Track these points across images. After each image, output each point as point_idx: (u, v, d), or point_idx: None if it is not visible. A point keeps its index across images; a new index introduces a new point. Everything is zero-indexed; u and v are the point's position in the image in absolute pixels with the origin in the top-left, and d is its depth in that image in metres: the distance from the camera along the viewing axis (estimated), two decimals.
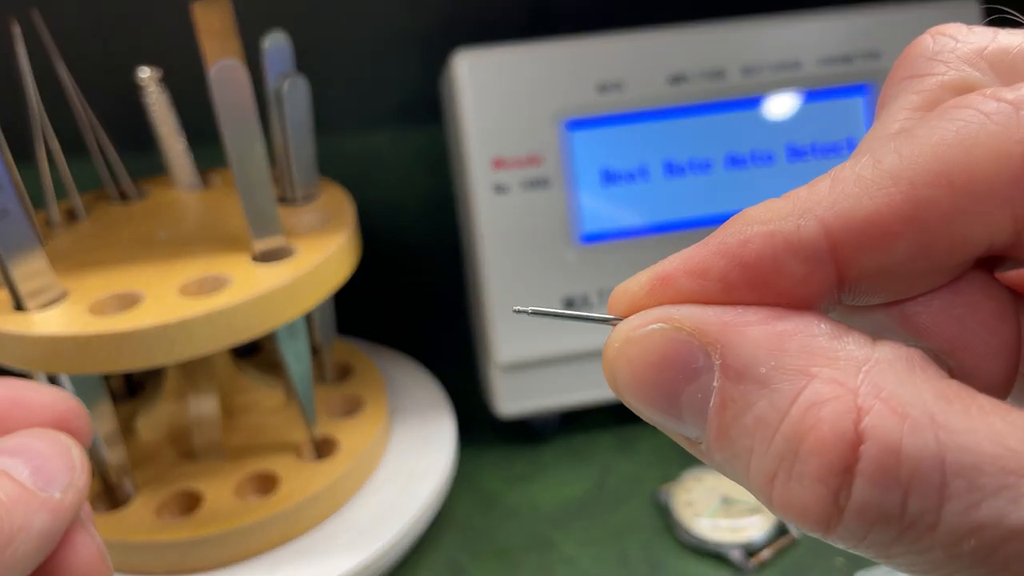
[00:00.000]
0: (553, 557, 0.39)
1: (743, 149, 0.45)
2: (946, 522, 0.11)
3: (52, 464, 0.20)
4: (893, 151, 0.12)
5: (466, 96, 0.42)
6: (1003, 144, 0.12)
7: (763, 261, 0.13)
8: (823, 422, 0.11)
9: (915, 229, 0.12)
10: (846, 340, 0.12)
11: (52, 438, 0.21)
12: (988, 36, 0.14)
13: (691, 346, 0.13)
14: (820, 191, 0.13)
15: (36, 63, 0.39)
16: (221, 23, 0.38)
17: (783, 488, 0.12)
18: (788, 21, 0.45)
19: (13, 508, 0.18)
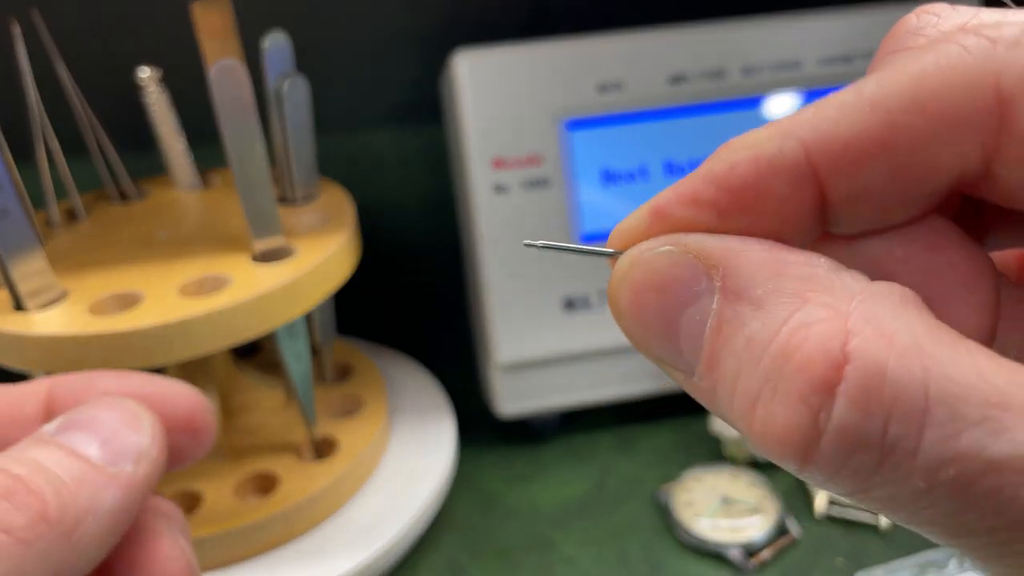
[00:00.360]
0: (553, 557, 0.39)
1: None
2: (926, 449, 0.11)
3: (121, 435, 0.18)
4: (875, 80, 0.13)
5: (466, 96, 0.42)
6: (977, 74, 0.12)
7: (749, 184, 0.13)
8: (809, 341, 0.11)
9: (890, 152, 0.13)
10: (844, 274, 0.13)
11: (120, 407, 0.19)
12: (969, 14, 0.14)
13: (695, 268, 0.13)
14: (803, 116, 0.13)
15: (36, 63, 0.39)
16: (221, 23, 0.38)
17: (764, 410, 0.12)
18: (788, 21, 0.45)
19: (79, 489, 0.17)
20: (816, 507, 0.40)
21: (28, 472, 0.17)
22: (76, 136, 0.42)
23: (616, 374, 0.46)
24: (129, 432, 0.19)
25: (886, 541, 0.38)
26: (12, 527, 0.16)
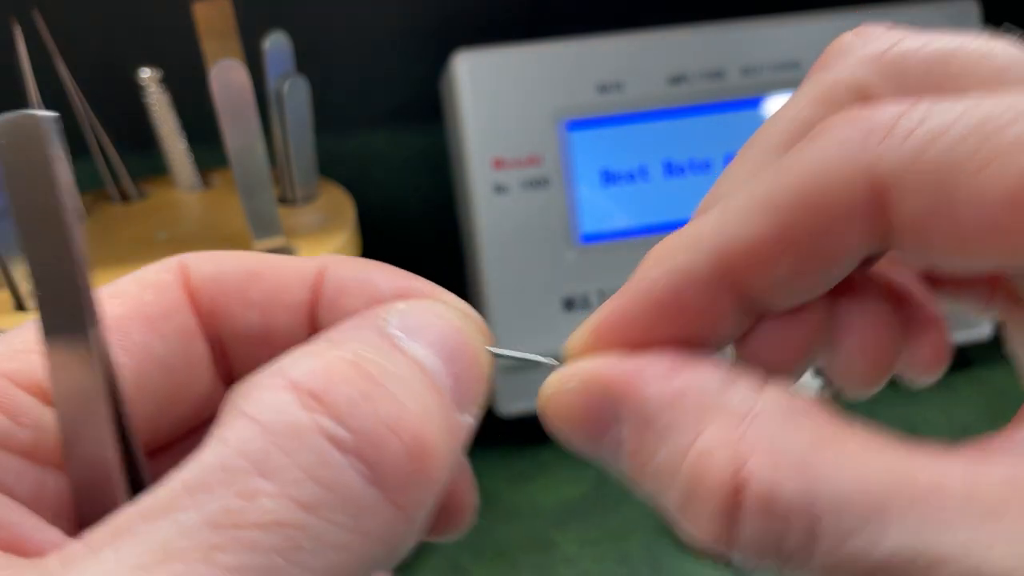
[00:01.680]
0: (554, 557, 0.39)
1: None
2: (819, 558, 0.12)
3: (469, 374, 0.14)
4: (768, 180, 0.14)
5: (466, 96, 0.42)
6: (851, 170, 0.13)
7: (668, 299, 0.14)
8: (711, 471, 0.13)
9: (790, 249, 0.13)
10: (734, 392, 0.13)
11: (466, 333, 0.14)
12: (892, 40, 0.15)
13: (603, 403, 0.14)
14: (708, 224, 0.14)
15: (37, 63, 0.39)
16: (222, 23, 0.38)
17: (691, 523, 0.13)
18: (787, 21, 0.45)
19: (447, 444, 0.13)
20: None
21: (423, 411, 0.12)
22: (77, 136, 0.42)
23: None
24: (475, 371, 0.14)
25: None
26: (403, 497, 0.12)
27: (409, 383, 0.13)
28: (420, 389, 0.13)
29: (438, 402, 0.13)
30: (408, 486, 0.12)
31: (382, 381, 0.12)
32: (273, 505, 0.11)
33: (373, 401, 0.12)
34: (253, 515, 0.10)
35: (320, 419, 0.11)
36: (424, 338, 0.14)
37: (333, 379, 0.12)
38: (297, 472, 0.11)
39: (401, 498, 0.12)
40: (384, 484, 0.11)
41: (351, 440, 0.11)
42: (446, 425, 0.13)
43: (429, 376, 0.13)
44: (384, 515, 0.11)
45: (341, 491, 0.11)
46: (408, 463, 0.12)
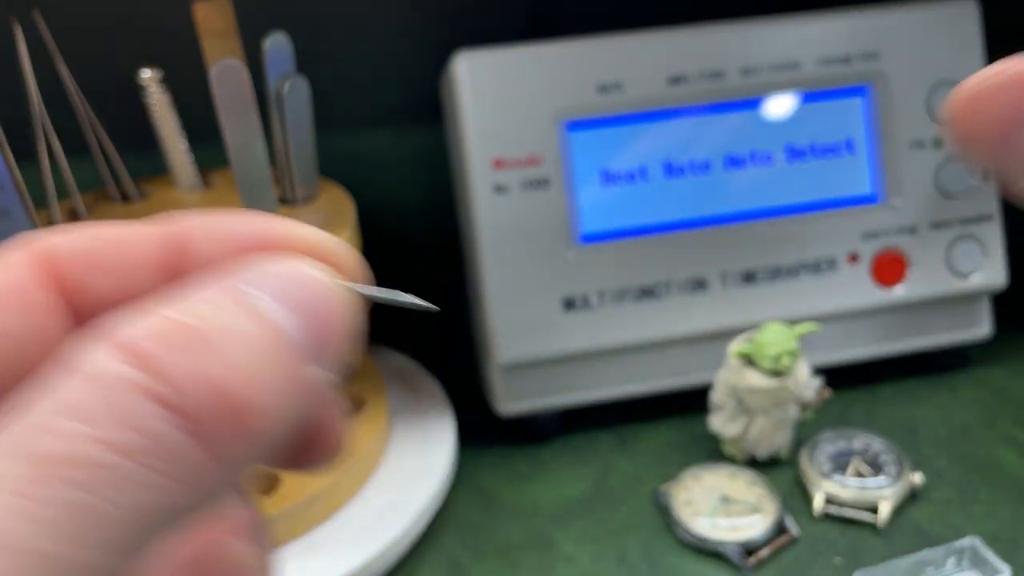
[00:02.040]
0: (553, 556, 0.39)
1: (742, 150, 0.45)
2: None
3: (326, 327, 0.14)
4: None
5: (466, 97, 0.42)
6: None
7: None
8: None
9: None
10: None
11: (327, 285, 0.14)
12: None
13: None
14: None
15: (38, 63, 0.39)
16: (222, 24, 0.38)
17: None
18: (787, 22, 0.45)
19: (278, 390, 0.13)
20: (815, 506, 0.40)
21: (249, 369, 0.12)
22: (77, 136, 0.43)
23: (615, 373, 0.46)
24: (331, 320, 0.14)
25: (884, 540, 0.39)
26: (219, 447, 0.12)
27: (239, 337, 0.13)
28: (252, 343, 0.13)
29: (276, 355, 0.13)
30: (225, 437, 0.12)
31: (207, 336, 0.12)
32: (85, 446, 0.11)
33: (190, 356, 0.12)
34: (67, 455, 0.11)
35: (137, 374, 0.12)
36: (273, 291, 0.13)
37: (152, 336, 0.12)
38: (111, 420, 0.11)
39: (218, 448, 0.12)
40: (199, 434, 0.12)
41: (166, 393, 0.12)
42: (284, 378, 0.13)
43: (271, 329, 0.13)
44: (199, 462, 0.12)
45: (154, 438, 0.11)
46: (224, 416, 0.12)
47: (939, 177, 0.47)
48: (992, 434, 0.45)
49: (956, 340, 0.49)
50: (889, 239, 0.46)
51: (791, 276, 0.46)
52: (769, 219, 0.46)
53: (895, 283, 0.47)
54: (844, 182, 0.46)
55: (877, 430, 0.44)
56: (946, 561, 0.36)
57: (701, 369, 0.46)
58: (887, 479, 0.40)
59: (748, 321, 0.45)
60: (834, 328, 0.47)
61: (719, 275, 0.45)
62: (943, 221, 0.47)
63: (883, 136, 0.46)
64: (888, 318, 0.48)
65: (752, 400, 0.42)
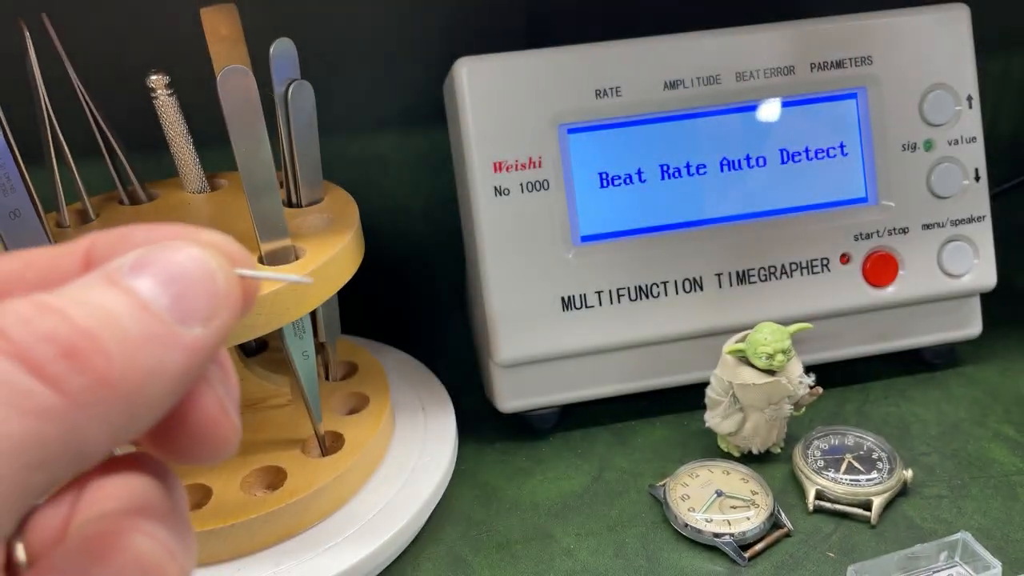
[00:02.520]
0: (552, 549, 0.40)
1: (737, 153, 0.46)
2: None
3: (194, 290, 0.16)
4: None
5: (467, 102, 0.43)
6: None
7: None
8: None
9: None
10: None
11: (195, 257, 0.16)
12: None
13: None
14: None
15: (47, 67, 0.39)
16: (229, 30, 0.39)
17: None
18: (781, 28, 0.45)
19: (146, 346, 0.15)
20: (808, 501, 0.41)
21: (96, 324, 0.14)
22: (86, 139, 0.43)
23: (613, 371, 0.47)
24: (202, 287, 0.16)
25: (877, 535, 0.39)
26: (71, 389, 0.14)
27: (92, 304, 0.15)
28: (105, 306, 0.15)
29: (135, 317, 0.15)
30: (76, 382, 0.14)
31: (56, 305, 0.14)
32: None
33: (37, 320, 0.14)
34: None
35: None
36: (145, 270, 0.16)
37: (9, 310, 0.14)
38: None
39: (64, 387, 0.14)
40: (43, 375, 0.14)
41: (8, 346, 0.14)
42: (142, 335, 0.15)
43: (133, 297, 0.15)
44: (47, 399, 0.13)
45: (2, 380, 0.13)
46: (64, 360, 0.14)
47: (931, 179, 0.47)
48: (983, 430, 0.46)
49: (947, 339, 0.50)
50: (881, 240, 0.47)
51: (785, 276, 0.46)
52: (763, 220, 0.46)
53: (887, 283, 0.47)
54: (837, 184, 0.47)
55: (869, 427, 0.45)
56: (938, 556, 0.36)
57: (697, 367, 0.47)
58: (879, 475, 0.41)
59: (743, 320, 0.45)
60: (827, 327, 0.47)
61: (714, 275, 0.46)
62: (934, 222, 0.47)
63: (876, 139, 0.47)
64: (880, 317, 0.48)
65: (746, 397, 0.42)
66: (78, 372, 0.14)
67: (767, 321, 0.42)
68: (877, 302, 0.47)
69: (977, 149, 0.48)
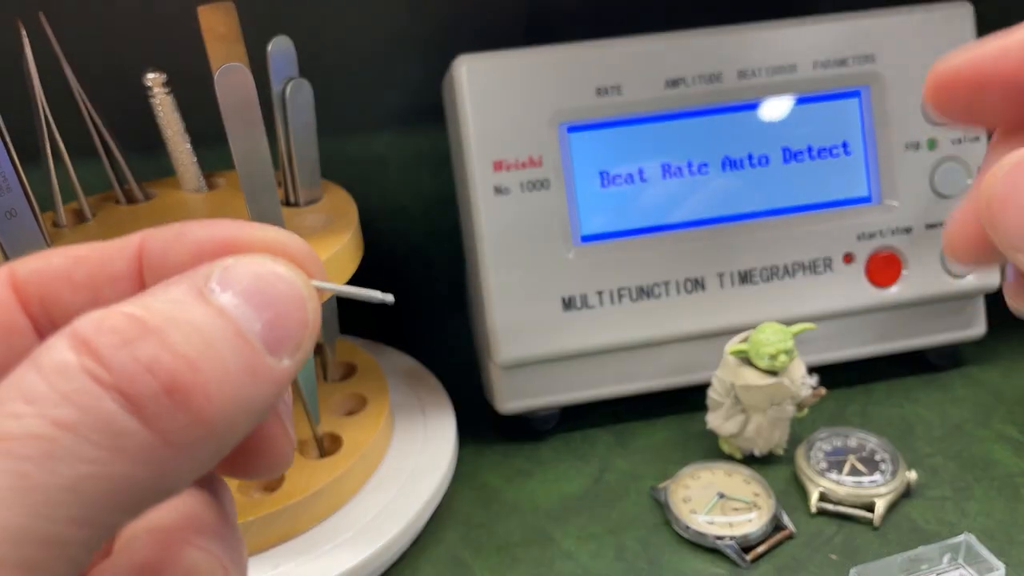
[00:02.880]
0: (552, 552, 0.40)
1: (740, 152, 0.46)
2: None
3: (287, 318, 0.15)
4: None
5: (467, 100, 0.43)
6: None
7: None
8: None
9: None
10: None
11: (288, 281, 0.15)
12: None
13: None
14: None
15: (43, 66, 0.39)
16: (226, 27, 0.39)
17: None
18: (783, 26, 0.45)
19: (242, 380, 0.14)
20: (811, 503, 0.41)
21: (196, 354, 0.13)
22: (83, 139, 0.43)
23: (613, 372, 0.47)
24: (295, 315, 0.15)
25: (880, 537, 0.39)
26: (168, 429, 0.13)
27: (188, 327, 0.13)
28: (203, 332, 0.13)
29: (229, 345, 0.14)
30: (172, 419, 0.13)
31: (153, 326, 0.13)
32: (30, 422, 0.12)
33: (134, 343, 0.13)
34: (11, 430, 0.12)
35: (84, 359, 0.12)
36: (236, 287, 0.14)
37: (103, 328, 0.13)
38: (56, 398, 0.12)
39: (166, 429, 0.13)
40: (142, 414, 0.12)
41: (108, 377, 0.12)
42: (238, 367, 0.14)
43: (230, 322, 0.14)
44: (145, 441, 0.12)
45: (95, 414, 0.12)
46: (167, 397, 0.13)
47: (934, 178, 0.47)
48: (986, 432, 0.45)
49: (951, 340, 0.50)
50: (884, 240, 0.47)
51: (787, 276, 0.46)
52: (766, 220, 0.46)
53: (890, 283, 0.47)
54: (840, 183, 0.47)
55: (872, 428, 0.44)
56: (941, 558, 0.36)
57: (698, 368, 0.46)
58: (882, 477, 0.41)
59: (745, 321, 0.45)
60: (830, 327, 0.47)
61: (716, 275, 0.46)
62: (938, 222, 0.47)
63: (879, 138, 0.47)
64: (883, 318, 0.48)
65: (749, 398, 0.42)
66: (178, 411, 0.13)
67: (769, 321, 0.42)
68: (880, 302, 0.47)
69: (981, 148, 0.47)
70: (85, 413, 0.12)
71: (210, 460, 0.14)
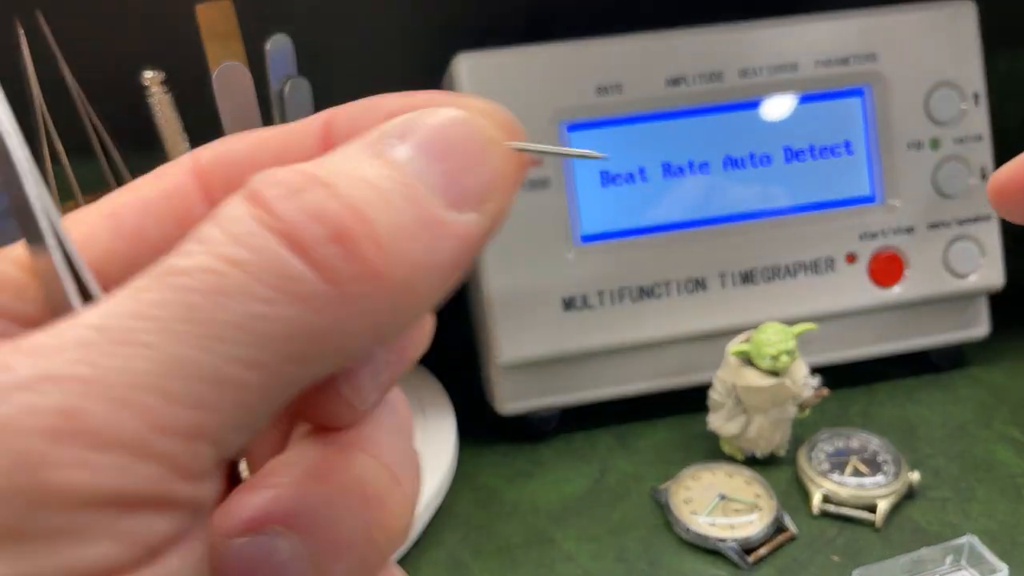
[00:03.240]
0: (553, 554, 0.40)
1: (741, 151, 0.45)
2: None
3: (468, 167, 0.14)
4: None
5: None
6: None
7: None
8: None
9: None
10: None
11: (468, 125, 0.14)
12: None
13: None
14: None
15: (40, 65, 0.39)
16: (224, 25, 0.38)
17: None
18: (785, 24, 0.45)
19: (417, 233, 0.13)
20: (813, 504, 0.40)
21: (366, 204, 0.12)
22: (80, 137, 0.43)
23: (615, 373, 0.46)
24: (479, 163, 0.14)
25: (882, 538, 0.39)
26: (340, 278, 0.12)
27: (361, 181, 0.13)
28: (376, 185, 0.13)
29: (405, 198, 0.13)
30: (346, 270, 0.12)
31: (325, 179, 0.13)
32: (200, 258, 0.12)
33: (302, 194, 0.12)
34: (180, 264, 0.12)
35: (253, 208, 0.12)
36: (414, 139, 0.13)
37: (273, 180, 0.13)
38: (225, 238, 0.12)
39: (332, 274, 0.12)
40: (312, 259, 0.12)
41: (276, 223, 0.12)
42: (414, 220, 0.13)
43: (401, 173, 0.13)
44: (313, 287, 0.12)
45: (265, 255, 0.12)
46: (338, 246, 0.12)
47: (937, 178, 0.47)
48: (989, 433, 0.45)
49: (953, 340, 0.49)
50: (887, 239, 0.47)
51: (789, 276, 0.46)
52: (767, 219, 0.46)
53: (893, 283, 0.47)
54: (842, 183, 0.47)
55: (875, 429, 0.44)
56: (944, 559, 0.36)
57: (700, 368, 0.46)
58: (885, 478, 0.40)
59: (746, 321, 0.45)
60: (832, 328, 0.47)
61: (718, 275, 0.45)
62: (941, 221, 0.47)
63: (881, 137, 0.46)
64: (886, 318, 0.48)
65: (750, 399, 0.42)
66: (348, 260, 0.12)
67: (771, 322, 0.42)
68: (883, 302, 0.47)
69: (983, 147, 0.47)
70: (255, 253, 0.12)
71: (389, 322, 0.13)
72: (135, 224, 0.15)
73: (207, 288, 0.11)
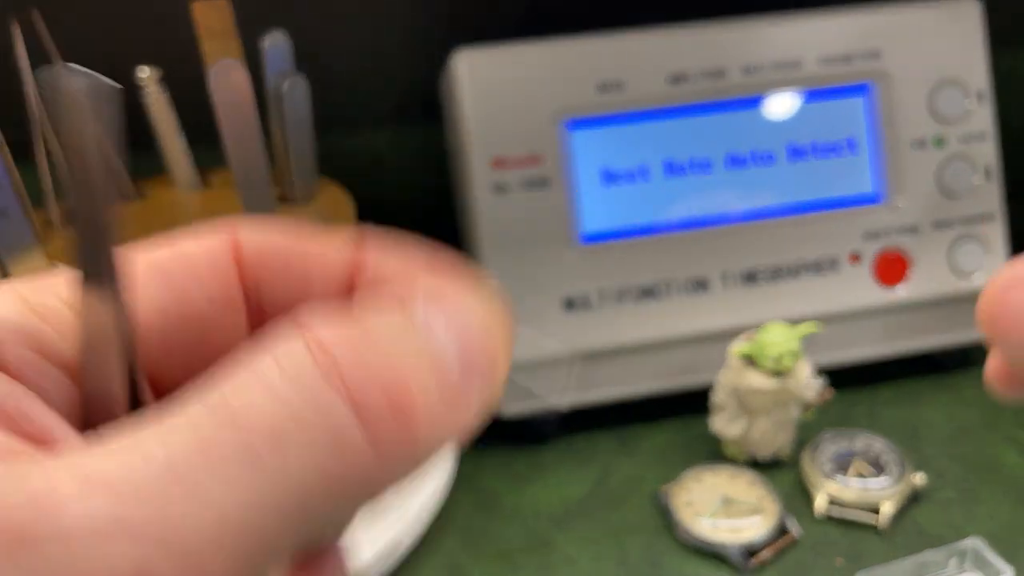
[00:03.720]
0: (554, 557, 0.39)
1: (743, 149, 0.45)
2: None
3: (479, 355, 0.15)
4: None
5: (466, 96, 0.42)
6: None
7: None
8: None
9: None
10: None
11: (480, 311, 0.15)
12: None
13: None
14: None
15: (36, 63, 0.39)
16: (221, 23, 0.38)
17: None
18: (788, 20, 0.45)
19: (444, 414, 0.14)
20: (816, 507, 0.40)
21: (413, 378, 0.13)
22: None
23: (616, 374, 0.46)
24: (486, 352, 0.15)
25: (886, 541, 0.39)
26: (384, 444, 0.13)
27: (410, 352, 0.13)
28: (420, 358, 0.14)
29: (439, 374, 0.14)
30: (389, 432, 0.13)
31: (381, 345, 0.13)
32: (262, 404, 0.12)
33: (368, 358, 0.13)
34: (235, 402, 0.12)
35: (321, 360, 0.13)
36: (443, 317, 0.14)
37: (338, 335, 0.13)
38: (290, 390, 0.12)
39: (380, 441, 0.13)
40: (365, 421, 0.13)
41: (340, 382, 0.13)
42: (445, 394, 0.14)
43: (437, 350, 0.14)
44: (361, 449, 0.12)
45: (326, 413, 0.12)
46: (389, 411, 0.13)
47: (941, 177, 0.46)
48: (994, 435, 0.45)
49: (958, 340, 0.49)
50: (891, 239, 0.46)
51: (792, 276, 0.46)
52: (770, 219, 0.46)
53: (897, 283, 0.47)
54: (846, 181, 0.46)
55: (879, 430, 0.44)
56: (948, 562, 0.36)
57: (702, 370, 0.46)
58: (889, 480, 0.40)
59: (749, 321, 0.44)
60: (836, 328, 0.47)
61: (720, 275, 0.45)
62: (945, 221, 0.47)
63: (885, 135, 0.46)
64: (890, 318, 0.48)
65: (753, 401, 0.41)
66: (396, 429, 0.13)
67: (774, 322, 0.42)
68: (887, 302, 0.47)
69: (988, 146, 0.47)
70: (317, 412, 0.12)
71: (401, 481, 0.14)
72: (181, 282, 0.15)
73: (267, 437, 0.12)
